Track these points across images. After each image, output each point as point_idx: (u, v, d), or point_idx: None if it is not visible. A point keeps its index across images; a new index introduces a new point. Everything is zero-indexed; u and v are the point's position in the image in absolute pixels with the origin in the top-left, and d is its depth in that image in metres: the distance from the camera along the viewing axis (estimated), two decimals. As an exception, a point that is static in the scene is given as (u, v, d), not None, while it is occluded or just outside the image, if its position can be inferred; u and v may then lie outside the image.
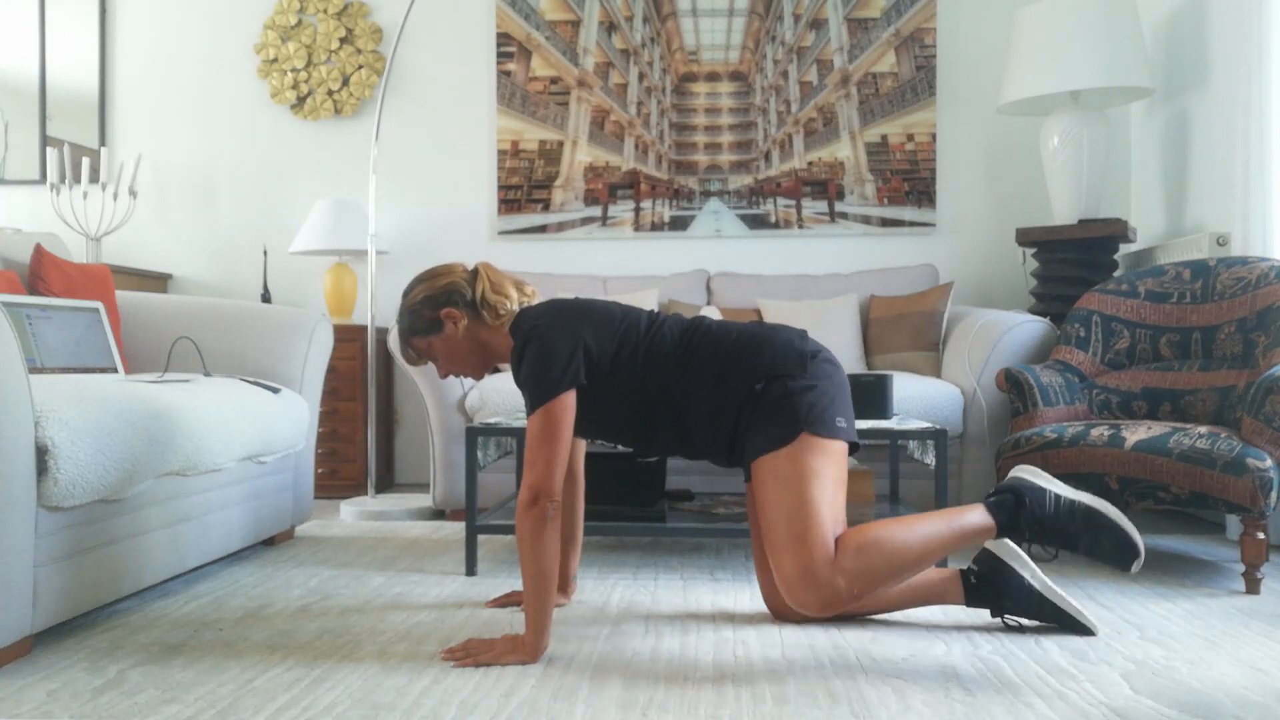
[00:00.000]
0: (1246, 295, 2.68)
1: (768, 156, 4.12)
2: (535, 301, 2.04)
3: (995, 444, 3.16)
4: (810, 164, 4.10)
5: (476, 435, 2.48)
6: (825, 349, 1.96)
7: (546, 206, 4.17)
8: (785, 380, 1.86)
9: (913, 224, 4.06)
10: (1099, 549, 1.79)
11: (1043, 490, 1.83)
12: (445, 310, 1.97)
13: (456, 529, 3.20)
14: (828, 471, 1.82)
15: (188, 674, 1.71)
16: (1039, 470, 1.90)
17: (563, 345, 1.83)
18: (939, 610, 2.13)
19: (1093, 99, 3.55)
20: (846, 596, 1.75)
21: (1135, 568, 1.78)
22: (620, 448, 2.30)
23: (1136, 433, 2.43)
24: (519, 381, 1.85)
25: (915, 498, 3.18)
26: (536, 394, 1.81)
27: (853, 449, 1.96)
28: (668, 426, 1.94)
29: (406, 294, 2.02)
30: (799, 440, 1.82)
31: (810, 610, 1.77)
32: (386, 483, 4.12)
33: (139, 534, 2.11)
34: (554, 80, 4.17)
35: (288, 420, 2.69)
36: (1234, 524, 2.99)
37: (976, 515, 1.83)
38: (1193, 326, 2.80)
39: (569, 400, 1.82)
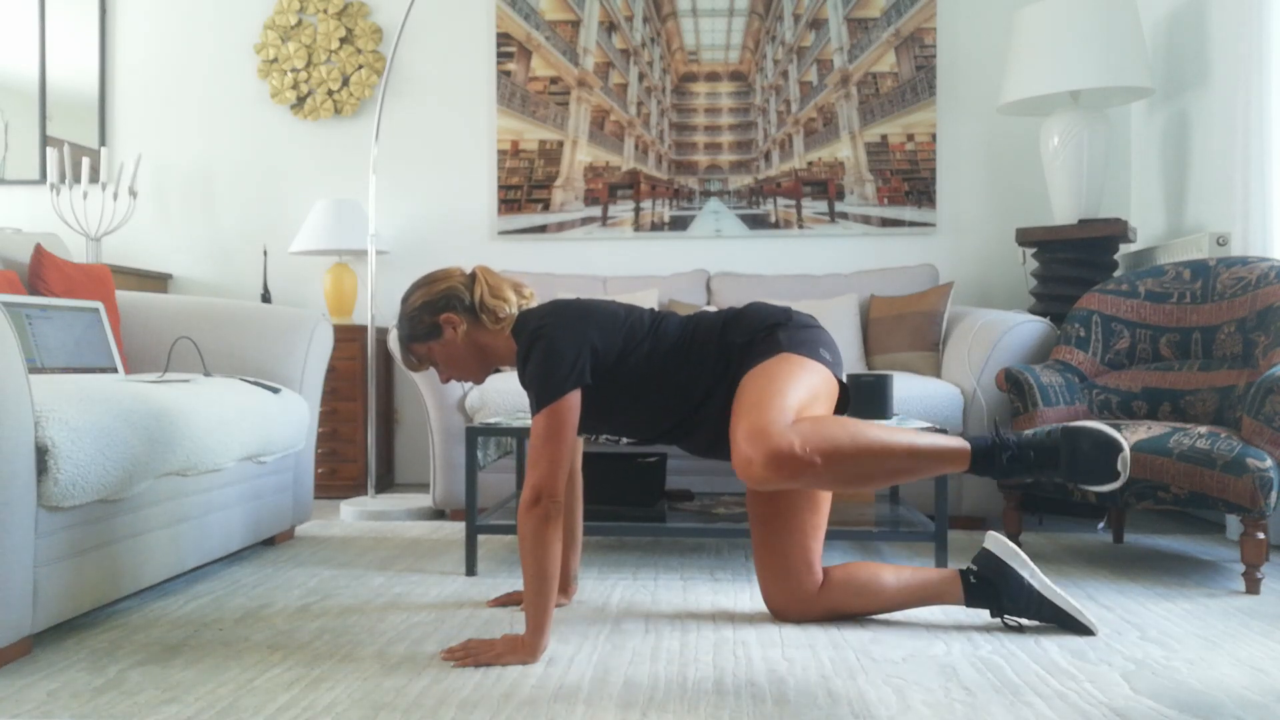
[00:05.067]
0: (1246, 295, 2.68)
1: (768, 156, 4.12)
2: (534, 303, 2.04)
3: (995, 444, 3.15)
4: (810, 164, 4.10)
5: (476, 435, 2.48)
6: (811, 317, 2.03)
7: (546, 206, 4.17)
8: (772, 328, 1.93)
9: (913, 224, 4.06)
10: (1079, 457, 1.73)
11: (1020, 434, 1.82)
12: (444, 315, 1.97)
13: (456, 529, 3.20)
14: (804, 375, 1.80)
15: (188, 674, 1.71)
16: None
17: (569, 345, 1.84)
18: (939, 610, 2.13)
19: (1093, 99, 3.55)
20: (801, 455, 1.63)
21: (1121, 466, 1.71)
22: (623, 441, 2.31)
23: (1136, 433, 2.43)
24: (524, 382, 1.86)
25: (915, 498, 3.18)
26: (543, 394, 1.82)
27: (843, 398, 1.98)
28: (673, 415, 1.97)
29: (405, 300, 2.02)
30: (781, 355, 1.86)
31: (757, 471, 1.64)
32: (386, 483, 4.12)
33: (139, 534, 2.11)
34: (554, 80, 4.17)
35: (288, 420, 2.69)
36: (1234, 524, 2.99)
37: (953, 440, 1.77)
38: (1193, 326, 2.80)
39: (574, 400, 1.83)
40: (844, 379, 1.97)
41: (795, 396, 1.74)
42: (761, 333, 1.93)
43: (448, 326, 1.98)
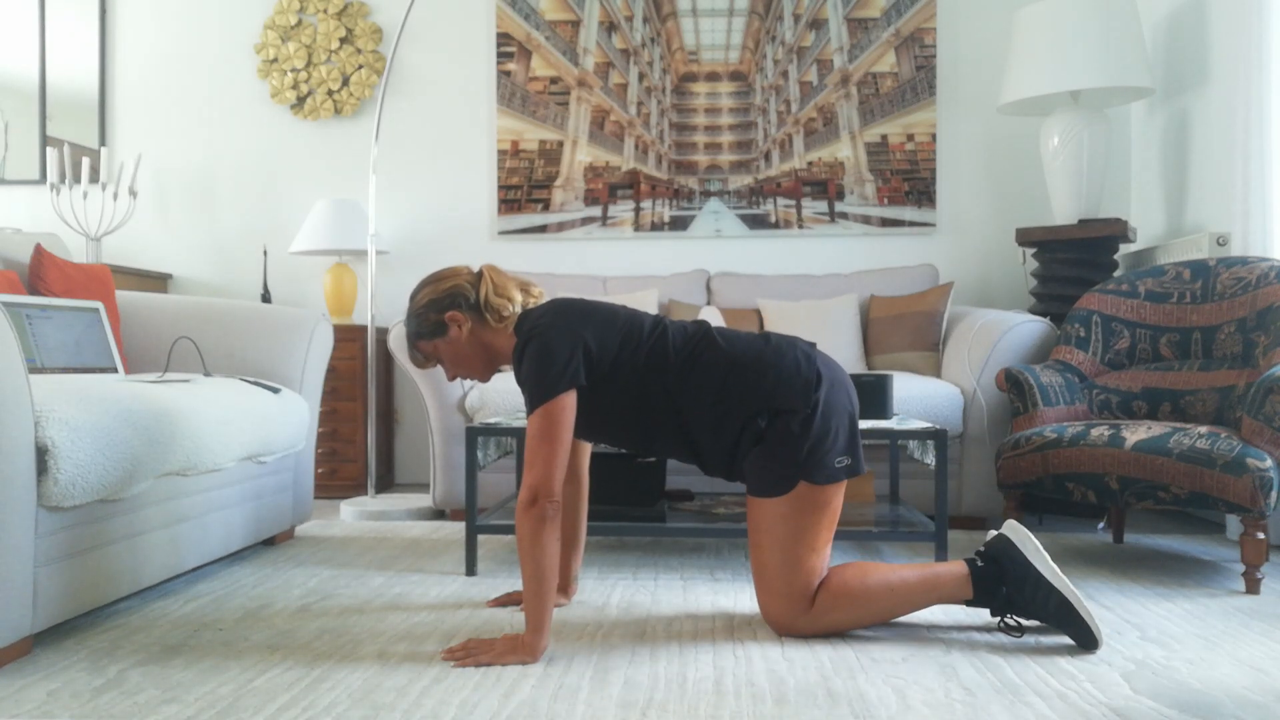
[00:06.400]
0: (1246, 295, 2.68)
1: (768, 156, 4.12)
2: (543, 302, 2.04)
3: (995, 444, 3.16)
4: (810, 164, 4.10)
5: (476, 435, 2.48)
6: (832, 366, 1.95)
7: (546, 206, 4.17)
8: (787, 418, 1.88)
9: (913, 224, 4.06)
10: (1064, 632, 1.89)
11: (1025, 568, 1.88)
12: (449, 313, 1.98)
13: (456, 529, 3.20)
14: (821, 521, 1.90)
15: (188, 674, 1.71)
16: (1028, 534, 1.92)
17: (563, 345, 1.84)
18: (939, 610, 2.13)
19: (1093, 99, 3.55)
20: (812, 635, 1.94)
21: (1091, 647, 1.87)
22: (623, 450, 2.31)
23: (1136, 433, 2.43)
24: (519, 380, 1.86)
25: (915, 498, 3.18)
26: (536, 393, 1.81)
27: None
28: (670, 431, 1.95)
29: (413, 297, 2.03)
30: (796, 490, 1.87)
31: (780, 633, 1.97)
32: (386, 483, 4.12)
33: (139, 534, 2.11)
34: (554, 80, 4.17)
35: (288, 420, 2.69)
36: (1234, 524, 2.99)
37: (955, 581, 1.91)
38: (1193, 326, 2.80)
39: (569, 400, 1.82)
40: (863, 469, 1.96)
41: (816, 560, 1.92)
42: (777, 420, 1.87)
43: (453, 324, 1.98)
